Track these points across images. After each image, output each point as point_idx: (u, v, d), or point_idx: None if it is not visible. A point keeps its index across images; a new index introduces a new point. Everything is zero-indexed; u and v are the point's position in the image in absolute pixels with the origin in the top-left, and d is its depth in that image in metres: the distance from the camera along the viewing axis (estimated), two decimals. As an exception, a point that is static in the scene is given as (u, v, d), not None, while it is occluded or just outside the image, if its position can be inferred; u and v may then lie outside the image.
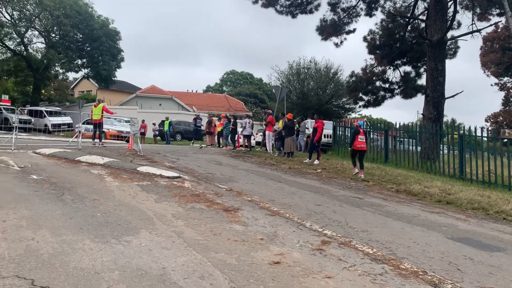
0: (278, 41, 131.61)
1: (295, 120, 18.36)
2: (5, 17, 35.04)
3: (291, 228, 5.76)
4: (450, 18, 17.54)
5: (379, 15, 23.05)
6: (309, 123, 21.63)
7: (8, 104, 28.35)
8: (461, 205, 8.72)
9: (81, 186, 7.57)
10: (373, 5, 20.99)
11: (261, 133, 22.76)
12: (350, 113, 37.96)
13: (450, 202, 9.00)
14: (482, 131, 14.81)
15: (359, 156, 12.35)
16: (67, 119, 29.07)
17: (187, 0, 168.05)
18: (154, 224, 5.37)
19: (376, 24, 22.14)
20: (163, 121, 26.70)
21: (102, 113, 16.98)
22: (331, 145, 19.87)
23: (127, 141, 18.98)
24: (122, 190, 7.57)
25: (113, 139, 21.47)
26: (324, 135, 18.34)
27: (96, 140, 16.85)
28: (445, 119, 21.99)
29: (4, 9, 35.05)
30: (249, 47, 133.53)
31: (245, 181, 9.94)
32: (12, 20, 35.76)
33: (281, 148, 17.57)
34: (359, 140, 12.15)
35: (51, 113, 28.55)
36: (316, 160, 14.59)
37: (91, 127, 18.15)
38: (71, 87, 54.30)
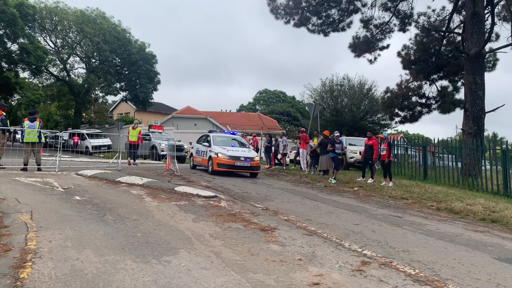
0: (309, 58, 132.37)
1: (331, 136, 18.17)
2: (49, 45, 37.15)
3: (330, 248, 5.68)
4: (487, 31, 17.10)
5: (413, 30, 22.82)
6: (344, 140, 21.40)
7: (161, 130, 27.06)
8: (507, 223, 8.33)
9: (121, 207, 7.77)
10: (406, 21, 20.74)
11: (295, 151, 22.78)
12: (386, 129, 37.22)
13: (495, 220, 8.63)
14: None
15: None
16: (106, 141, 29.99)
17: (218, 20, 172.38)
18: (192, 244, 5.43)
19: (410, 39, 21.81)
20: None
21: (139, 135, 17.62)
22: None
23: (252, 174, 15.26)
24: (161, 210, 7.72)
25: (223, 170, 14.69)
26: (359, 152, 18.08)
27: (131, 160, 17.37)
28: (485, 133, 21.19)
29: (48, 37, 37.15)
30: (280, 65, 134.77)
31: (280, 200, 9.92)
32: (56, 48, 37.81)
33: (316, 166, 17.42)
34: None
35: (91, 136, 29.49)
36: (370, 179, 13.96)
37: (196, 145, 17.43)
38: (110, 109, 56.39)
